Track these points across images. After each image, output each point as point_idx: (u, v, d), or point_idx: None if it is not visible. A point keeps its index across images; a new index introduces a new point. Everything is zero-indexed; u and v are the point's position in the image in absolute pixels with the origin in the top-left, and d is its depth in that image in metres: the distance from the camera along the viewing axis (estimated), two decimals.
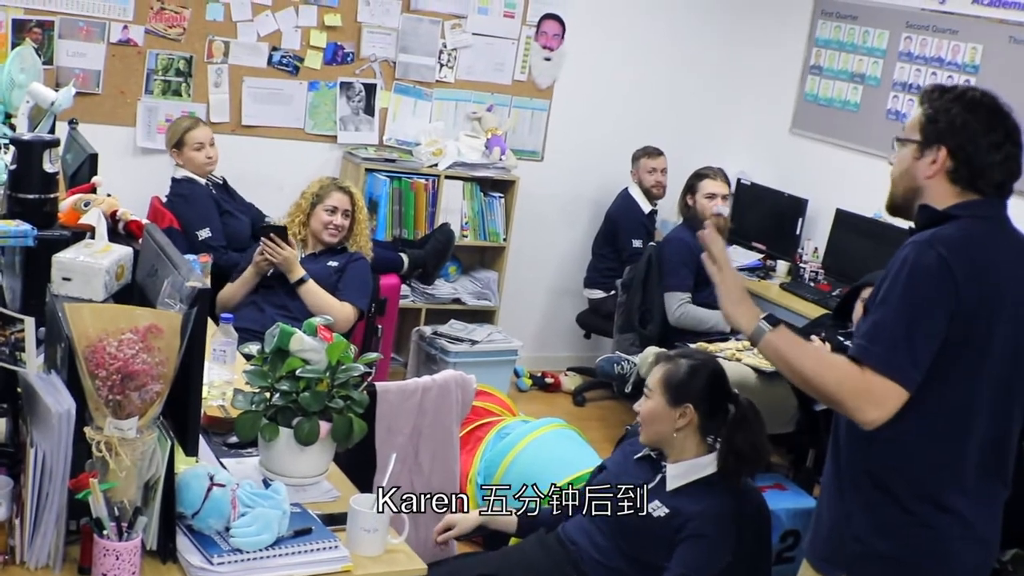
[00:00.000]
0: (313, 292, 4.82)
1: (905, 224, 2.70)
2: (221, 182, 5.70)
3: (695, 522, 3.27)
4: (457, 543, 3.70)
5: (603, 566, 3.36)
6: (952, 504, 2.55)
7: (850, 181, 6.64)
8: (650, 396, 3.46)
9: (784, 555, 4.71)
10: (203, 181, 5.54)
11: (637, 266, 6.10)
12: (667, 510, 3.32)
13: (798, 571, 2.80)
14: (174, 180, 5.55)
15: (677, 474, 3.39)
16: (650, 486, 3.37)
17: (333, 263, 5.01)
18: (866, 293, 4.94)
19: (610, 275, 6.62)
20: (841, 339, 4.40)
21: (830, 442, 2.72)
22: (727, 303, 2.63)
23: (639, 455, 3.54)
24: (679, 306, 5.84)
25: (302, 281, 4.82)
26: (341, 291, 4.93)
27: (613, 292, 6.48)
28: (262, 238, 4.84)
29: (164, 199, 5.55)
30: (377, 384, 3.67)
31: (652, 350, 5.29)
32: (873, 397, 2.44)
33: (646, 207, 6.83)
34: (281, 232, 4.83)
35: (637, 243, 6.59)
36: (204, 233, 5.37)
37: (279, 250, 4.79)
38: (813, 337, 4.38)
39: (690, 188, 6.11)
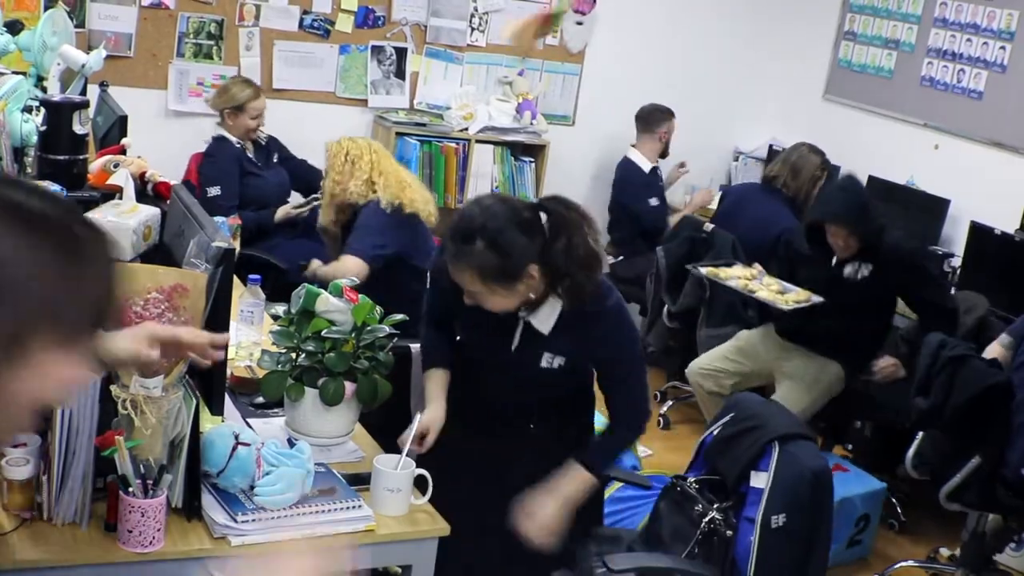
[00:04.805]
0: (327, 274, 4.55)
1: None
2: (264, 142, 5.71)
3: (599, 353, 3.06)
4: None
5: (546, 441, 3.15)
6: None
7: (883, 148, 6.58)
8: (480, 296, 2.88)
9: (855, 538, 4.69)
10: (236, 143, 5.55)
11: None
12: (562, 358, 3.02)
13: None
14: (213, 139, 5.58)
15: (542, 319, 2.98)
16: (515, 345, 3.04)
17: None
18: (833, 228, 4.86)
19: (622, 243, 6.55)
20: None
21: None
22: None
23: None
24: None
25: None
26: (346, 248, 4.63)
27: (621, 257, 6.44)
28: None
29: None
30: (412, 346, 3.66)
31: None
32: None
33: (647, 166, 6.66)
34: None
35: (654, 201, 6.51)
36: (213, 191, 5.39)
37: None
38: None
39: None
